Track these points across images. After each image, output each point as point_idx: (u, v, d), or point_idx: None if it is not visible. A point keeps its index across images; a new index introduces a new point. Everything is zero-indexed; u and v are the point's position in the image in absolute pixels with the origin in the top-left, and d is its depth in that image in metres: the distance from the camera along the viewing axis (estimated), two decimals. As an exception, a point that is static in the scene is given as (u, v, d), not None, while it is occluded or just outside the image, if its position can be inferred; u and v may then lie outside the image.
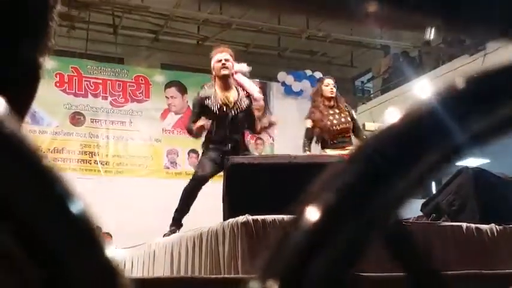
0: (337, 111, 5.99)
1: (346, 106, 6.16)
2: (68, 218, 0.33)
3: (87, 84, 11.23)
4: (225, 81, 5.18)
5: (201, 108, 5.16)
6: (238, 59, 5.52)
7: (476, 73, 0.37)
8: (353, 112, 6.28)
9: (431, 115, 0.36)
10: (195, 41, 12.66)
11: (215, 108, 5.12)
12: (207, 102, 5.15)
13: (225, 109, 5.13)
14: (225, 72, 5.14)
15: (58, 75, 10.94)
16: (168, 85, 11.82)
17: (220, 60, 5.16)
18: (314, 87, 9.71)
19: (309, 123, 5.99)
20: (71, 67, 11.13)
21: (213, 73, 5.24)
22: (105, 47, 12.25)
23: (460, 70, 10.28)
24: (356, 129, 6.08)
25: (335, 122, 5.90)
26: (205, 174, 5.07)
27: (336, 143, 5.87)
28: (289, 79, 11.90)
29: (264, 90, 11.92)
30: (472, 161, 7.90)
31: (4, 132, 0.32)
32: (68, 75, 11.07)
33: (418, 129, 0.36)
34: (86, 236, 0.33)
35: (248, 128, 5.42)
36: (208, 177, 5.11)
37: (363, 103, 13.54)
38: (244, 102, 5.23)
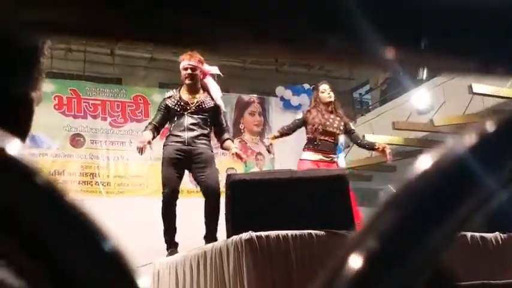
0: (333, 116, 5.96)
1: (344, 117, 6.14)
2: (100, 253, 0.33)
3: (86, 105, 11.23)
4: (191, 87, 5.31)
5: (165, 108, 5.32)
6: (236, 74, 5.53)
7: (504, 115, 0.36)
8: (350, 124, 6.25)
9: (471, 153, 0.34)
10: (192, 59, 12.68)
11: (176, 107, 5.25)
12: (168, 102, 5.33)
13: (184, 105, 5.24)
14: (189, 82, 5.27)
15: (57, 98, 10.94)
16: (167, 104, 11.83)
17: (186, 69, 5.25)
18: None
19: (300, 115, 5.99)
20: (70, 89, 11.13)
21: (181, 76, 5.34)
22: (102, 68, 12.28)
23: (457, 79, 10.29)
24: (354, 137, 6.07)
25: (327, 123, 5.86)
26: (172, 189, 5.10)
27: (320, 145, 5.82)
28: (287, 93, 11.91)
29: (263, 105, 11.92)
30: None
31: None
32: (66, 97, 11.07)
33: (462, 169, 0.34)
34: (114, 262, 0.33)
35: (214, 128, 5.43)
36: (177, 192, 5.13)
37: (362, 115, 13.55)
38: (208, 104, 5.27)
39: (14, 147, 0.33)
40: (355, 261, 0.33)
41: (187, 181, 11.16)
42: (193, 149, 5.14)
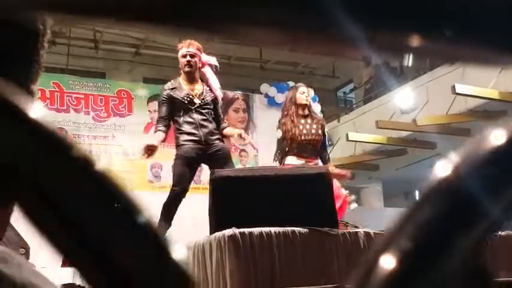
0: (309, 121, 5.82)
1: (320, 120, 6.05)
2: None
3: (69, 99, 11.16)
4: (190, 76, 5.18)
5: (170, 99, 5.10)
6: (220, 71, 5.50)
7: None
8: (325, 128, 6.16)
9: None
10: (177, 54, 12.66)
11: (180, 98, 5.09)
12: (173, 93, 5.13)
13: (190, 97, 5.09)
14: (188, 70, 5.14)
15: (39, 91, 10.85)
16: (151, 99, 11.78)
17: (185, 56, 5.14)
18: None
19: (279, 134, 5.90)
20: (52, 83, 11.06)
21: (179, 66, 5.23)
22: (86, 62, 12.21)
23: (440, 79, 10.36)
24: (322, 146, 5.95)
25: (304, 131, 5.77)
26: (182, 188, 5.02)
27: (300, 152, 5.75)
28: (272, 91, 11.92)
29: (247, 102, 11.92)
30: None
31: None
32: (49, 90, 11.00)
33: (502, 165, 0.33)
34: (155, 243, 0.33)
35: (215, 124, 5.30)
36: (187, 189, 5.08)
37: (346, 113, 13.61)
38: (209, 96, 5.18)
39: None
40: (388, 262, 0.32)
41: (169, 177, 11.15)
42: (210, 147, 5.04)
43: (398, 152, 12.17)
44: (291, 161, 5.74)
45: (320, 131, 5.81)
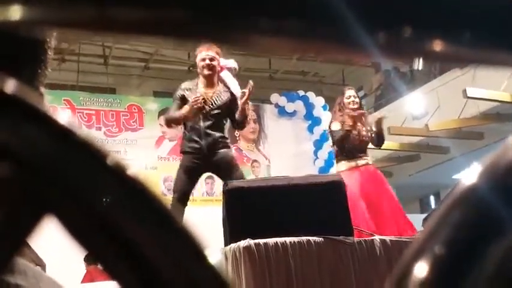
0: (359, 124, 5.90)
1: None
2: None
3: (80, 115, 11.21)
4: (209, 79, 5.12)
5: (181, 100, 5.07)
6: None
7: None
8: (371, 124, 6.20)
9: None
10: (186, 67, 12.71)
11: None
12: (186, 93, 5.08)
13: (203, 104, 5.01)
14: (208, 73, 5.08)
15: (51, 109, 10.92)
16: (162, 112, 11.81)
17: (205, 59, 5.07)
18: (308, 107, 9.69)
19: (337, 126, 5.85)
20: (64, 99, 11.12)
21: (198, 70, 5.17)
22: (96, 77, 12.28)
23: (451, 83, 10.32)
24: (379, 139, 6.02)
25: (363, 133, 5.84)
26: (182, 194, 5.02)
27: (359, 154, 5.78)
28: (282, 100, 11.92)
29: (258, 112, 11.92)
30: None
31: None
32: (61, 107, 11.06)
33: None
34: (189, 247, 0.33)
35: (230, 120, 5.22)
36: (187, 195, 5.06)
37: (357, 121, 13.57)
38: (224, 97, 5.11)
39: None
40: (422, 269, 0.31)
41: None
42: (213, 155, 5.00)
43: (411, 157, 12.13)
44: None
45: (369, 133, 5.91)
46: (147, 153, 11.37)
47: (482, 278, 0.30)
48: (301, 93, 12.11)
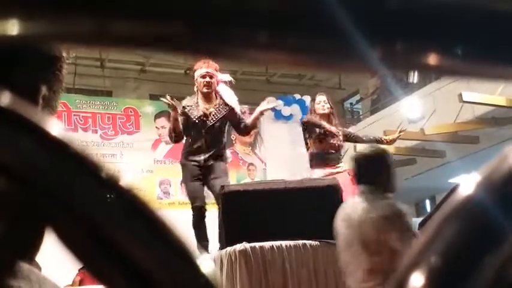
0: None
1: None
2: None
3: (76, 118, 11.21)
4: (207, 95, 5.20)
5: (185, 116, 5.15)
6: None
7: None
8: (346, 130, 6.27)
9: None
10: (182, 70, 12.70)
11: (194, 118, 5.12)
12: (187, 110, 5.17)
13: (204, 119, 5.12)
14: (208, 90, 5.16)
15: (48, 120, 10.92)
16: (158, 115, 11.82)
17: (204, 77, 5.14)
18: (304, 110, 9.68)
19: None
20: (60, 102, 11.11)
21: (196, 85, 5.23)
22: (92, 80, 12.27)
23: (447, 88, 10.34)
24: (355, 138, 6.08)
25: (333, 131, 5.89)
26: (202, 202, 5.03)
27: (331, 159, 5.80)
28: (278, 104, 11.92)
29: (254, 116, 11.92)
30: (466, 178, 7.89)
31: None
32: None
33: None
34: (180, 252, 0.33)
35: (234, 128, 5.40)
36: (205, 202, 5.08)
37: (353, 125, 13.58)
38: (223, 109, 5.20)
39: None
40: (419, 279, 0.31)
41: (179, 193, 11.15)
42: (209, 167, 5.06)
43: (406, 161, 12.13)
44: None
45: (341, 139, 5.96)
46: (143, 156, 11.37)
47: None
48: (297, 96, 12.12)
